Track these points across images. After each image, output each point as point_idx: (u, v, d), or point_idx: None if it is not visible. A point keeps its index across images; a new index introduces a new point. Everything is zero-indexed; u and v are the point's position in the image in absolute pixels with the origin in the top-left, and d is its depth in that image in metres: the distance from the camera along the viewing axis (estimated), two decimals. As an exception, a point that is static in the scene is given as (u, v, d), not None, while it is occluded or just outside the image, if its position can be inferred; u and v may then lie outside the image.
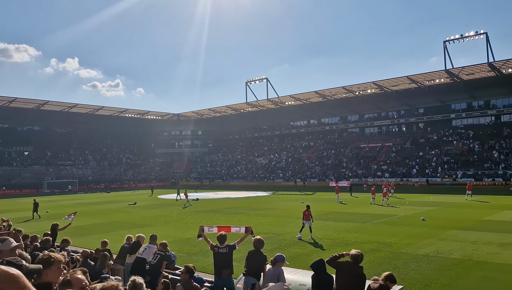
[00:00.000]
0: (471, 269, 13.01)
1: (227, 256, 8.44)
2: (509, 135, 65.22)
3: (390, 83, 71.68)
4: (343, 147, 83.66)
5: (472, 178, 57.68)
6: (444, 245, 16.89)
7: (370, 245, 17.21)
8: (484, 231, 20.04)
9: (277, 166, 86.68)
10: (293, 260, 14.48)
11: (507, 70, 61.73)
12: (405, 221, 24.47)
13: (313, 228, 21.96)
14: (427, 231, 20.46)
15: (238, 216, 28.94)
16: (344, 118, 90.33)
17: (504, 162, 59.34)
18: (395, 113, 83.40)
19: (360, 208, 32.70)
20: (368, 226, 22.80)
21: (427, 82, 69.67)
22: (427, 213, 27.54)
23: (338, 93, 79.20)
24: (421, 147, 72.46)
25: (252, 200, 44.14)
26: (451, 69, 62.97)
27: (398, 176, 65.21)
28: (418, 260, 14.37)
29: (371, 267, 13.11)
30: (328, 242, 18.06)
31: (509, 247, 16.21)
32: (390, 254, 15.39)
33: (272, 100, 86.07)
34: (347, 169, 74.26)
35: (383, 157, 73.97)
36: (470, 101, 73.80)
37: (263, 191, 58.85)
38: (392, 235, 19.37)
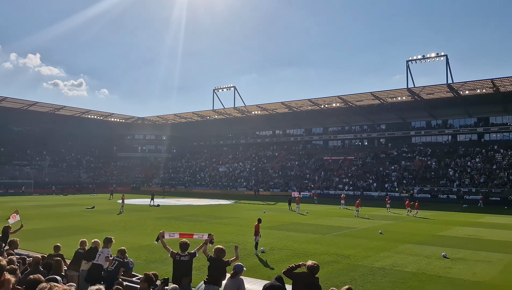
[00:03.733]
0: (425, 283, 13.42)
1: (188, 264, 8.33)
2: (464, 154, 68.08)
3: (354, 98, 73.40)
4: (307, 159, 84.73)
5: (429, 194, 59.73)
6: (399, 258, 17.36)
7: (329, 256, 17.45)
8: (438, 245, 20.75)
9: (240, 174, 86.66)
10: (253, 270, 14.48)
11: (464, 92, 64.62)
12: (363, 234, 24.99)
13: (273, 238, 22.07)
14: (384, 244, 20.98)
15: (199, 224, 28.68)
16: (309, 130, 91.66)
17: (459, 180, 61.81)
18: (358, 128, 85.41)
19: (321, 219, 33.13)
20: (328, 237, 23.13)
21: (389, 99, 71.84)
22: (385, 227, 28.26)
23: (304, 105, 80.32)
24: (381, 162, 74.42)
25: (214, 208, 43.88)
26: (413, 88, 65.26)
27: (359, 190, 66.61)
28: (375, 272, 14.69)
29: (329, 279, 13.30)
30: (288, 253, 18.17)
31: (461, 261, 16.86)
32: (348, 266, 15.66)
33: (239, 108, 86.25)
34: (310, 181, 75.18)
35: (345, 170, 75.42)
36: (429, 120, 76.65)
37: (226, 200, 58.63)
38: (351, 247, 19.73)
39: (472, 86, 62.97)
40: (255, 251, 17.84)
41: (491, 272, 15.17)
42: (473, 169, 63.44)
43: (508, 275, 14.77)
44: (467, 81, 61.50)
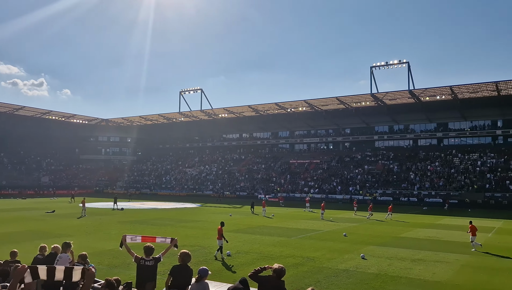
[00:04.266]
0: (386, 284, 13.76)
1: (152, 269, 8.19)
2: (425, 158, 70.38)
3: (320, 103, 74.55)
4: (273, 162, 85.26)
5: (391, 197, 61.36)
6: (362, 260, 17.72)
7: (294, 259, 17.60)
8: (399, 247, 21.33)
9: (207, 178, 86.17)
10: (219, 274, 14.41)
11: (425, 98, 66.88)
12: (328, 236, 25.37)
13: (240, 241, 22.06)
14: (348, 246, 21.37)
15: (164, 227, 28.29)
16: (276, 133, 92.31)
17: (419, 183, 63.82)
18: (323, 132, 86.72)
19: (287, 222, 33.38)
20: (294, 240, 23.33)
21: (354, 104, 73.37)
22: (349, 229, 28.80)
23: (271, 109, 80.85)
24: (346, 166, 75.84)
25: (180, 212, 43.42)
26: (376, 93, 66.93)
27: (324, 193, 67.57)
28: (339, 274, 14.94)
29: (294, 281, 13.41)
30: (254, 256, 18.20)
31: (420, 262, 17.39)
32: (313, 269, 15.85)
33: (206, 111, 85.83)
34: (276, 184, 75.65)
35: (310, 174, 76.36)
36: (392, 125, 78.83)
37: (192, 203, 58.11)
38: (316, 250, 19.98)
39: (432, 93, 65.27)
40: (215, 253, 17.70)
41: (449, 272, 15.73)
42: (433, 172, 65.67)
43: (464, 275, 15.36)
44: (427, 88, 63.70)
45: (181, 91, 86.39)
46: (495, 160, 64.14)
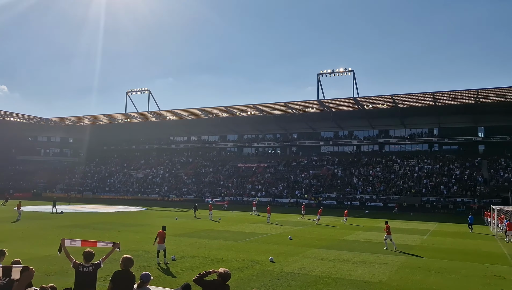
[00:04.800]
0: (329, 286, 14.13)
1: (92, 275, 7.89)
2: (367, 163, 73.16)
3: (268, 107, 75.44)
4: (221, 166, 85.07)
5: (335, 201, 63.22)
6: (307, 262, 18.10)
7: (240, 262, 17.64)
8: (342, 249, 22.01)
9: (153, 181, 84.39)
10: (163, 279, 14.16)
11: (368, 106, 69.64)
12: (274, 239, 25.67)
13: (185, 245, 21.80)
14: (293, 249, 21.73)
15: (107, 232, 27.35)
16: (224, 137, 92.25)
17: (361, 187, 66.23)
18: (271, 136, 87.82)
19: (233, 226, 33.40)
20: (240, 244, 23.38)
21: (301, 110, 74.92)
22: (294, 232, 29.29)
23: (220, 112, 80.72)
24: (292, 170, 77.19)
25: (124, 216, 42.16)
26: (323, 100, 68.76)
27: (271, 196, 68.35)
28: (283, 277, 15.15)
29: (239, 285, 13.44)
30: (200, 260, 18.04)
31: (361, 264, 18.04)
32: (258, 272, 15.96)
33: (153, 113, 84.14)
34: (224, 187, 75.51)
35: (258, 177, 76.95)
36: (337, 131, 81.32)
37: (136, 207, 56.64)
38: (261, 253, 20.14)
39: (375, 101, 68.09)
40: (157, 258, 17.26)
41: (387, 273, 16.43)
42: (374, 177, 68.38)
43: (401, 275, 16.11)
44: (370, 96, 66.35)
45: (128, 92, 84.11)
46: (431, 166, 67.88)
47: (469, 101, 64.38)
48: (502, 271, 17.57)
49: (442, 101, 65.46)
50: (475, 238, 29.45)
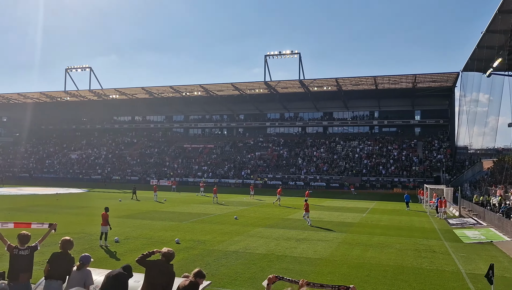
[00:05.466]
0: (273, 263, 14.53)
1: (28, 258, 7.56)
2: (312, 144, 75.02)
3: (216, 88, 74.86)
4: (167, 146, 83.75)
5: (280, 181, 64.50)
6: (252, 241, 18.45)
7: (185, 243, 17.65)
8: (286, 228, 22.62)
9: (95, 162, 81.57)
10: (105, 261, 13.89)
11: (314, 88, 71.06)
12: (220, 219, 25.85)
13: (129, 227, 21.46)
14: (238, 228, 22.03)
15: (45, 215, 26.22)
16: (170, 117, 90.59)
17: (306, 168, 67.99)
18: (218, 117, 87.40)
19: (179, 207, 33.21)
20: (185, 224, 23.34)
21: (248, 91, 75.04)
22: (240, 212, 29.65)
23: (166, 92, 79.04)
24: (239, 151, 77.57)
25: (64, 198, 40.57)
26: (269, 81, 69.23)
27: (217, 177, 68.45)
28: (228, 256, 15.37)
29: (184, 265, 13.47)
30: (144, 241, 17.84)
31: (304, 242, 18.67)
32: (203, 252, 16.07)
33: (95, 91, 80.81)
34: (169, 169, 74.57)
35: (204, 158, 76.66)
36: (283, 112, 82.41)
37: (77, 188, 54.65)
38: (207, 233, 20.25)
39: (320, 84, 69.59)
40: (99, 242, 16.88)
41: (329, 249, 17.14)
42: (318, 158, 70.35)
43: (341, 251, 16.87)
44: (316, 79, 67.68)
45: (67, 69, 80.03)
46: (371, 147, 70.84)
47: (408, 86, 67.57)
48: (433, 245, 18.89)
49: (383, 85, 68.17)
50: (410, 215, 31.32)
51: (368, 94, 71.55)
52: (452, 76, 61.88)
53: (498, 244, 19.90)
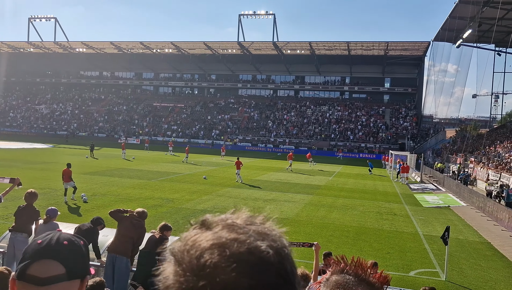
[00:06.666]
0: (240, 221, 14.85)
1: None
2: (282, 107, 75.24)
3: (187, 46, 73.13)
4: (136, 104, 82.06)
5: (250, 143, 64.91)
6: (220, 201, 18.72)
7: (153, 201, 17.72)
8: (254, 189, 23.00)
9: (61, 117, 79.24)
10: (71, 217, 13.84)
11: (287, 51, 70.55)
12: (188, 178, 25.97)
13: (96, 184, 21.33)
14: (207, 188, 22.24)
15: (8, 169, 25.54)
16: (139, 74, 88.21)
17: (276, 131, 68.48)
18: (189, 76, 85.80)
19: (148, 165, 33.03)
20: (153, 182, 23.34)
21: (221, 51, 73.73)
22: (209, 172, 29.82)
23: (135, 48, 76.67)
24: (210, 111, 77.00)
25: (28, 153, 39.53)
26: (243, 42, 68.12)
27: (187, 137, 68.10)
28: (197, 214, 15.57)
29: (152, 222, 13.58)
30: (111, 198, 17.79)
31: (271, 202, 19.10)
32: (172, 209, 16.22)
33: (61, 44, 77.41)
34: (138, 127, 73.47)
35: (174, 117, 75.80)
36: (255, 74, 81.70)
37: (42, 143, 53.23)
38: (175, 192, 20.36)
39: (294, 47, 69.09)
40: (64, 198, 16.68)
41: (295, 210, 17.63)
42: (288, 121, 70.85)
43: (307, 212, 17.38)
44: (289, 41, 67.09)
45: (31, 18, 75.93)
46: (340, 112, 71.75)
47: (380, 53, 68.07)
48: (394, 208, 19.72)
49: (355, 51, 68.37)
50: (374, 179, 32.38)
51: (340, 59, 71.69)
52: (423, 45, 62.66)
53: (455, 208, 20.98)
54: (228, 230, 0.69)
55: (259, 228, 0.72)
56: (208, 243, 0.67)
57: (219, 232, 0.68)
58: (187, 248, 0.67)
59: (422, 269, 10.87)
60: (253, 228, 0.72)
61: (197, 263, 0.65)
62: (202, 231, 0.70)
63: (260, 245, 0.68)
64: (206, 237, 0.68)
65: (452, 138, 56.80)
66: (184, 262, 0.66)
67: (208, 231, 0.69)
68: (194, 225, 0.72)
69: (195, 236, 0.69)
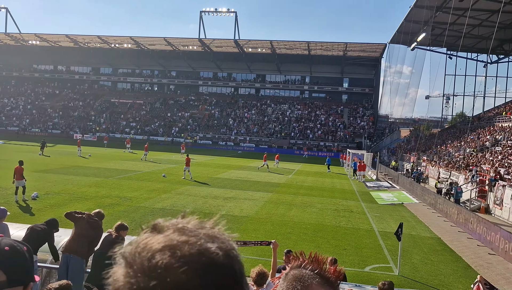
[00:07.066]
0: (199, 220, 14.78)
1: None
2: (243, 105, 75.35)
3: (147, 41, 71.78)
4: (93, 100, 79.68)
5: (210, 141, 64.62)
6: (179, 199, 18.54)
7: (110, 199, 17.31)
8: (214, 187, 22.93)
9: (12, 112, 75.69)
10: (22, 216, 13.31)
11: (248, 49, 70.66)
12: (147, 176, 25.53)
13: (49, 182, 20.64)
14: (166, 186, 21.95)
15: (-47, 167, 24.19)
16: (97, 69, 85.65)
17: (236, 129, 68.51)
18: (149, 72, 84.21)
19: (105, 163, 32.19)
20: (111, 180, 22.78)
21: (181, 47, 72.85)
22: (168, 170, 29.43)
23: (92, 42, 74.39)
24: (170, 108, 75.96)
25: (-25, 149, 37.52)
26: (204, 39, 67.60)
27: (146, 134, 66.86)
28: (155, 213, 15.37)
29: (109, 221, 13.23)
30: (66, 197, 17.21)
31: (231, 200, 19.11)
32: (129, 208, 15.91)
33: (12, 35, 73.90)
34: (95, 123, 71.39)
35: (133, 114, 74.21)
36: (216, 72, 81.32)
37: (-9, 140, 50.67)
38: (134, 190, 19.97)
39: (255, 45, 69.33)
40: (15, 197, 15.95)
41: (255, 208, 17.74)
42: (249, 120, 71.05)
43: (267, 209, 17.53)
44: (251, 39, 67.22)
45: (-22, 7, 71.98)
46: (300, 111, 72.73)
47: (339, 53, 69.53)
48: (351, 205, 20.25)
49: (315, 51, 69.50)
50: (332, 177, 33.08)
51: (300, 59, 72.64)
52: (380, 47, 64.58)
53: (408, 205, 21.81)
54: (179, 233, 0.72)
55: (209, 232, 0.75)
56: (160, 245, 0.69)
57: (170, 235, 0.71)
58: (139, 250, 0.69)
59: (376, 265, 11.24)
60: (203, 231, 0.74)
61: (148, 264, 0.67)
62: (154, 235, 0.72)
63: (210, 247, 0.71)
64: (158, 239, 0.70)
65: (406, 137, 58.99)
66: (135, 263, 0.68)
67: (159, 234, 0.72)
68: (145, 229, 0.75)
69: (147, 239, 0.71)
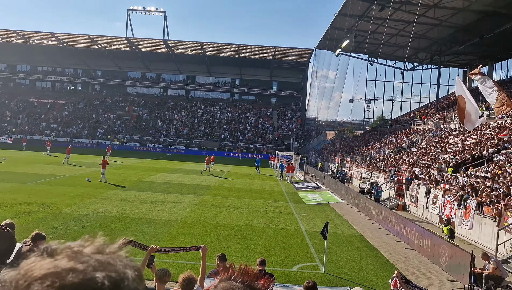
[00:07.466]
0: (127, 225, 14.30)
1: None
2: (173, 107, 74.11)
3: (70, 38, 68.14)
4: (8, 99, 73.92)
5: (138, 143, 62.80)
6: (105, 204, 17.79)
7: (27, 206, 16.18)
8: (142, 190, 22.31)
9: None
10: None
11: (178, 50, 69.69)
12: (69, 181, 24.22)
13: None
14: (90, 191, 20.97)
15: None
16: (13, 66, 79.57)
17: (166, 131, 67.20)
18: (72, 71, 79.87)
19: (22, 167, 30.02)
20: (28, 186, 21.30)
21: (107, 46, 70.07)
22: (93, 174, 28.11)
23: (8, 37, 69.07)
24: (95, 109, 72.66)
25: None
26: (131, 38, 65.57)
27: (68, 136, 63.36)
28: (78, 219, 14.62)
29: (26, 230, 12.37)
30: (-24, 205, 15.82)
31: (160, 204, 18.71)
32: (49, 215, 14.98)
33: None
34: (11, 124, 66.30)
35: (54, 115, 69.96)
36: (145, 72, 79.17)
37: None
38: (54, 196, 18.84)
39: (185, 46, 68.57)
40: None
41: (184, 211, 17.52)
42: (179, 121, 70.03)
43: (197, 212, 17.39)
44: (180, 40, 66.38)
45: None
46: (231, 113, 73.07)
47: (268, 57, 70.91)
48: (280, 206, 20.70)
49: (245, 54, 70.26)
50: (262, 179, 33.59)
51: (231, 61, 73.01)
52: (307, 52, 66.80)
53: (333, 205, 22.76)
54: (68, 259, 0.66)
55: (104, 258, 0.69)
56: (41, 272, 0.64)
57: (58, 261, 0.65)
58: (18, 277, 0.64)
59: (304, 264, 11.59)
60: (98, 257, 0.68)
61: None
62: (41, 259, 0.66)
63: (96, 277, 0.65)
64: (42, 265, 0.65)
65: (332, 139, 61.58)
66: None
67: (48, 259, 0.66)
68: (37, 253, 0.68)
69: (31, 264, 0.65)
